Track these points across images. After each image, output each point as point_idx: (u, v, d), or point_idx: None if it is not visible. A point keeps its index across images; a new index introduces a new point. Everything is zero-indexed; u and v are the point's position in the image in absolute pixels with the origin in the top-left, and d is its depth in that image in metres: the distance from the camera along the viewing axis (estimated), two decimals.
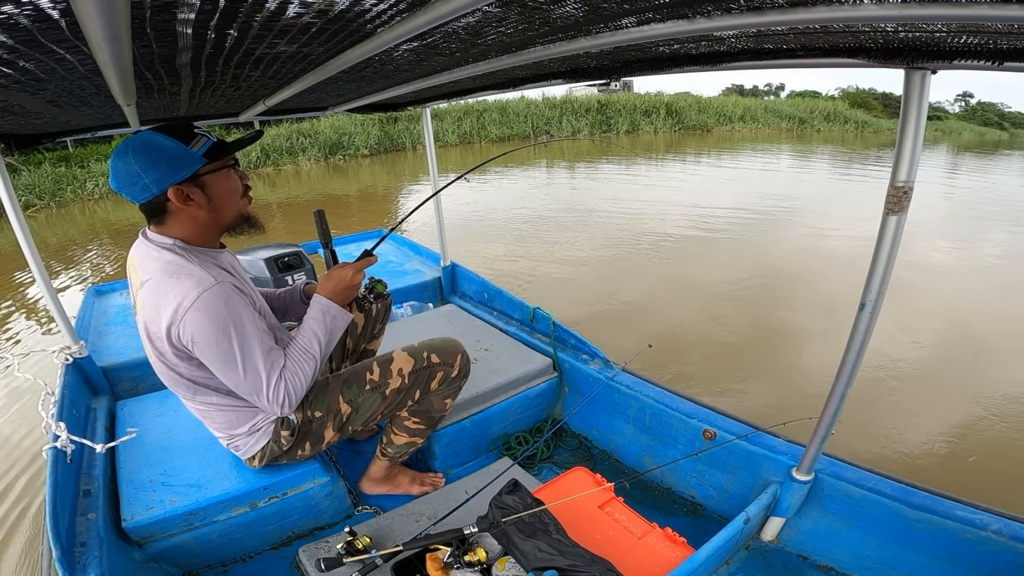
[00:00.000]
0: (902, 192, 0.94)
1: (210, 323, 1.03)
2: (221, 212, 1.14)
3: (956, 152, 17.03)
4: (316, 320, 1.20)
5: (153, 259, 1.08)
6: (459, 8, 0.53)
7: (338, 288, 1.23)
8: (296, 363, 1.14)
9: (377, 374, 1.38)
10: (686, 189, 8.90)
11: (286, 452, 1.36)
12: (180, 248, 1.10)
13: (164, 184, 1.04)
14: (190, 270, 1.05)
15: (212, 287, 1.03)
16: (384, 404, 1.39)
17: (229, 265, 1.20)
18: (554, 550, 1.20)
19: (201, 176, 1.08)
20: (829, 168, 12.01)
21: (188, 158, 1.05)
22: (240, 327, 1.06)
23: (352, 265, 1.26)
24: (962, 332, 3.63)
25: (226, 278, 1.09)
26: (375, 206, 8.44)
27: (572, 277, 4.73)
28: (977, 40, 0.71)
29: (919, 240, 5.61)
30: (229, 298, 1.05)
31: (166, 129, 1.06)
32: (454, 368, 1.45)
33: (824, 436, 1.24)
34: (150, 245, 1.11)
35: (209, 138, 1.09)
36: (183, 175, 1.05)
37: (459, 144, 15.45)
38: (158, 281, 1.05)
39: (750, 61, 0.99)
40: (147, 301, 1.06)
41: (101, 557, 1.13)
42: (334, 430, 1.37)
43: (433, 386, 1.43)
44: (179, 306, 1.02)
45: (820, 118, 21.68)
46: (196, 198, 1.08)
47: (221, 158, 1.10)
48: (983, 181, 10.76)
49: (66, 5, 0.44)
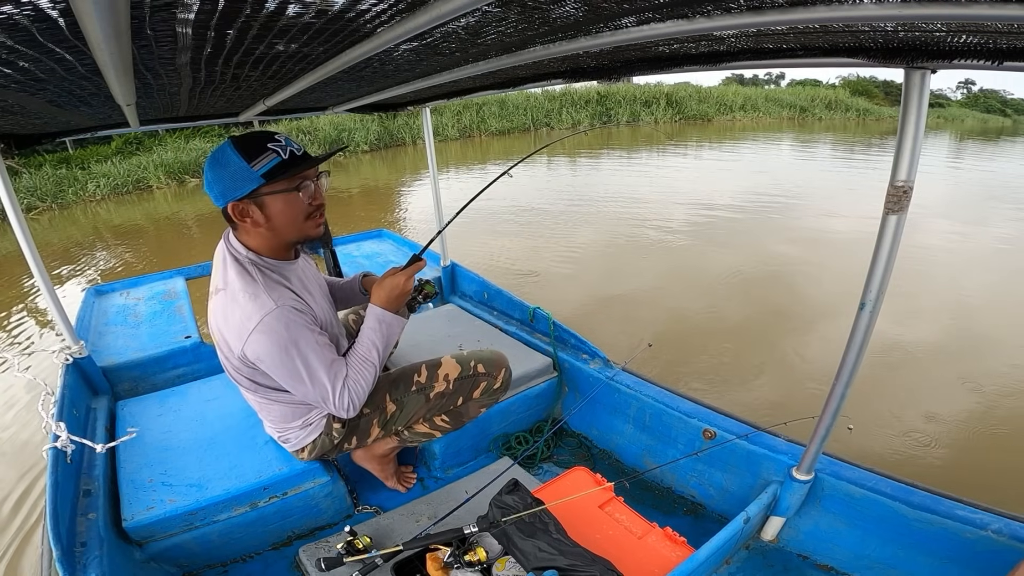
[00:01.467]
0: (902, 192, 0.94)
1: (272, 344, 1.09)
2: (280, 232, 1.15)
3: (960, 139, 16.97)
4: (373, 330, 1.25)
5: (228, 267, 1.14)
6: (459, 8, 0.53)
7: (391, 296, 1.26)
8: (358, 372, 1.21)
9: (424, 376, 1.44)
10: (688, 179, 8.88)
11: (335, 446, 1.42)
12: (251, 262, 1.15)
13: (226, 199, 1.09)
14: (254, 291, 1.10)
15: (272, 311, 1.09)
16: (427, 406, 1.44)
17: (298, 279, 1.24)
18: (554, 550, 1.20)
19: (261, 195, 1.09)
20: (832, 156, 12.00)
21: (247, 176, 1.06)
22: (301, 346, 1.12)
23: (403, 272, 1.28)
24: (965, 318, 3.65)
25: (287, 299, 1.13)
26: (377, 202, 8.43)
27: (573, 271, 4.72)
28: (977, 39, 0.71)
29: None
30: (289, 321, 1.10)
31: (240, 141, 1.07)
32: (497, 380, 1.49)
33: (824, 436, 1.24)
34: (228, 250, 1.17)
35: (280, 155, 1.08)
36: (240, 193, 1.07)
37: (459, 138, 15.42)
38: (228, 296, 1.12)
39: (750, 60, 0.99)
40: (217, 310, 1.14)
41: (101, 557, 1.13)
42: (379, 427, 1.43)
43: (475, 395, 1.48)
44: (242, 327, 1.09)
45: (821, 106, 21.52)
46: (254, 215, 1.11)
47: (287, 177, 1.09)
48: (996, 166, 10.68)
49: (66, 5, 0.44)
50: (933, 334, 3.54)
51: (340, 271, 2.18)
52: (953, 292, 4.25)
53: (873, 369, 3.02)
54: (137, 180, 10.46)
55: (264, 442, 1.52)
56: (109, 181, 10.11)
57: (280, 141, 1.09)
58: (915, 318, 3.71)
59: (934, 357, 3.27)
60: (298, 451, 1.44)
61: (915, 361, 3.20)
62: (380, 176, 10.83)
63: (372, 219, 6.96)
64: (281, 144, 1.09)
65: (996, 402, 2.78)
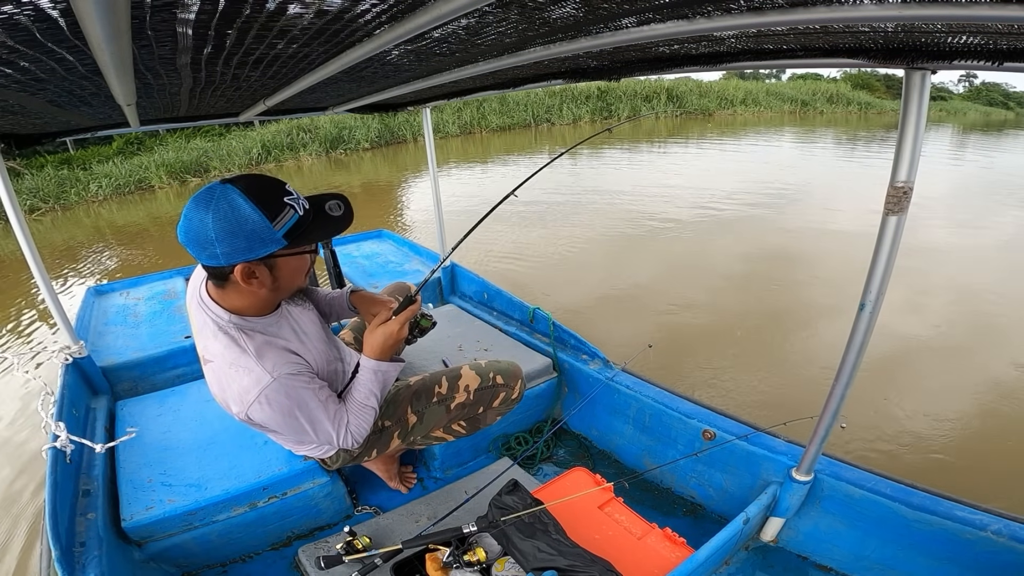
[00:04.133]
0: (902, 192, 0.94)
1: (275, 412, 1.05)
2: (281, 293, 1.09)
3: (962, 132, 16.91)
4: (370, 380, 1.20)
5: (211, 335, 1.05)
6: (458, 9, 0.53)
7: (386, 346, 1.18)
8: (358, 417, 1.19)
9: (445, 388, 1.44)
10: (688, 175, 8.88)
11: (356, 457, 1.43)
12: (236, 327, 1.05)
13: (235, 259, 0.95)
14: (247, 364, 1.02)
15: (270, 384, 1.02)
16: (448, 417, 1.45)
17: (289, 328, 1.16)
18: (553, 550, 1.19)
19: (278, 256, 1.00)
20: (835, 153, 11.98)
21: (269, 238, 0.95)
22: (304, 407, 1.08)
23: (397, 320, 1.19)
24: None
25: (281, 365, 1.04)
26: (378, 200, 8.43)
27: (573, 269, 4.72)
28: (977, 40, 0.71)
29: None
30: (289, 388, 1.04)
31: (256, 191, 0.94)
32: (514, 391, 1.51)
33: (824, 436, 1.24)
34: (207, 312, 1.06)
35: (296, 210, 0.98)
36: (256, 255, 0.96)
37: (460, 135, 15.43)
38: (219, 368, 1.05)
39: (750, 61, 0.99)
40: (212, 380, 1.08)
41: (100, 557, 1.13)
42: (399, 438, 1.43)
43: (495, 404, 1.49)
44: (242, 399, 1.03)
45: (823, 100, 21.49)
46: (261, 277, 1.00)
47: (307, 239, 1.01)
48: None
49: (66, 5, 0.44)
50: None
51: (340, 271, 2.18)
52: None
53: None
54: (139, 180, 10.46)
55: (264, 442, 1.52)
56: (111, 181, 10.12)
57: (292, 193, 1.00)
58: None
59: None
60: (322, 461, 1.46)
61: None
62: (381, 174, 10.82)
63: (373, 217, 6.95)
64: (294, 197, 0.99)
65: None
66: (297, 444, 1.34)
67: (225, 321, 1.05)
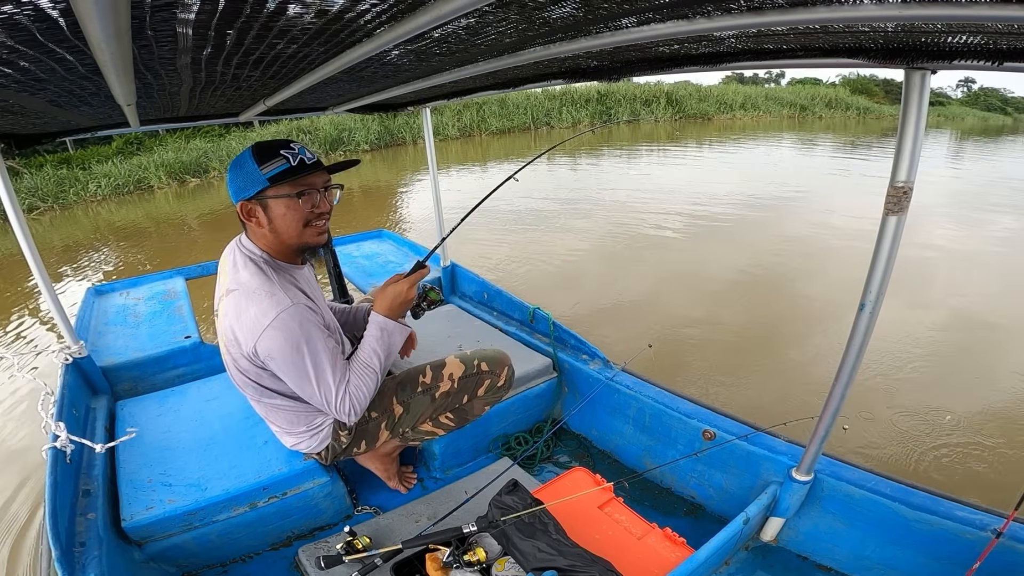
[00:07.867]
0: (902, 192, 0.94)
1: (285, 341, 1.10)
2: (281, 236, 1.18)
3: (960, 138, 16.91)
4: (375, 338, 1.25)
5: (240, 268, 1.16)
6: (458, 9, 0.53)
7: (394, 304, 1.27)
8: (360, 378, 1.21)
9: (429, 377, 1.45)
10: (688, 178, 8.88)
11: (344, 450, 1.43)
12: (265, 262, 1.18)
13: (237, 197, 1.14)
14: (270, 289, 1.12)
15: (288, 308, 1.11)
16: (433, 406, 1.45)
17: (306, 282, 1.27)
18: (553, 550, 1.20)
19: (266, 197, 1.13)
20: (833, 155, 11.98)
21: (254, 178, 1.11)
22: (313, 345, 1.13)
23: (405, 280, 1.28)
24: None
25: (300, 299, 1.15)
26: (378, 201, 8.43)
27: (573, 271, 4.72)
28: (977, 40, 0.71)
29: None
30: (304, 319, 1.13)
31: (259, 146, 1.12)
32: (500, 378, 1.51)
33: (824, 436, 1.24)
34: (240, 252, 1.19)
35: (288, 161, 1.11)
36: (248, 193, 1.12)
37: (459, 137, 15.42)
38: (241, 294, 1.13)
39: (750, 61, 0.99)
40: (230, 310, 1.14)
41: (100, 557, 1.13)
42: (387, 430, 1.44)
43: (480, 392, 1.49)
44: (256, 323, 1.10)
45: (821, 105, 21.56)
46: (258, 216, 1.15)
47: (290, 182, 1.12)
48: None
49: (66, 5, 0.44)
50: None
51: (340, 271, 2.18)
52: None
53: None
54: (138, 180, 10.46)
55: (264, 442, 1.52)
56: (110, 181, 10.12)
57: (293, 149, 1.13)
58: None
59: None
60: (315, 456, 1.45)
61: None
62: (381, 175, 10.83)
63: (373, 219, 6.96)
64: (293, 151, 1.12)
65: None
66: (290, 429, 1.35)
67: (257, 254, 1.19)
